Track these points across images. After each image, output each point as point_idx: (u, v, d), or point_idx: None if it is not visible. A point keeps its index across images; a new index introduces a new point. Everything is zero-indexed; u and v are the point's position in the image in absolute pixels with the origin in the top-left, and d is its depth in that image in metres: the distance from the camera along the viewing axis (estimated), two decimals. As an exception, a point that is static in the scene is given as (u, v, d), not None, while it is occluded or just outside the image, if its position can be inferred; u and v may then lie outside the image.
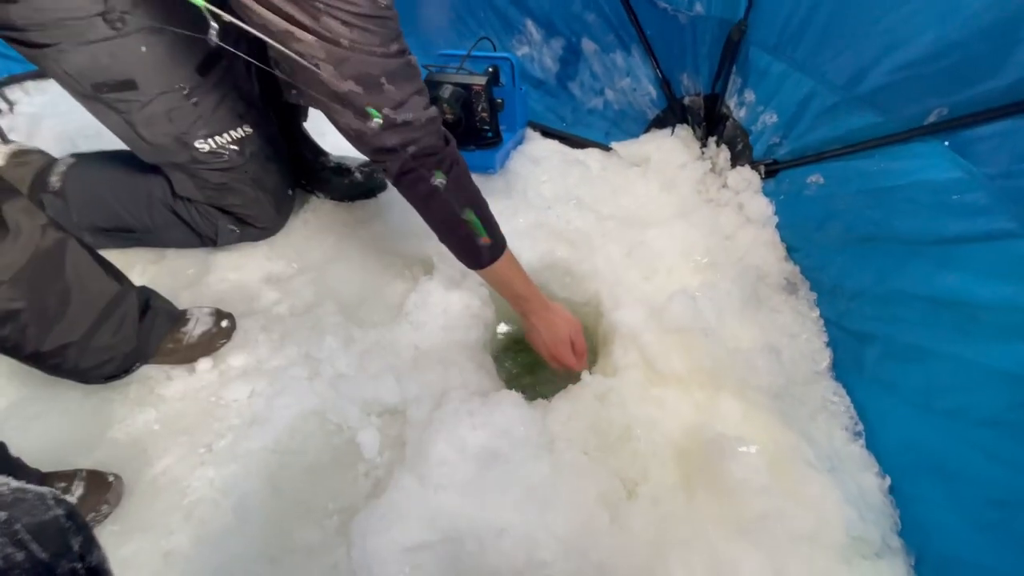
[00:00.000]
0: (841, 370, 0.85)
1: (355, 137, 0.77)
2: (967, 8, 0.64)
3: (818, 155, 0.91)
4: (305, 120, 1.25)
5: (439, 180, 0.80)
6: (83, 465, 0.84)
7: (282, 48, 0.66)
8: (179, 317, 0.98)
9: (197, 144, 0.93)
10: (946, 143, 0.71)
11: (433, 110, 0.79)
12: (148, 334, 0.92)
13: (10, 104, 1.73)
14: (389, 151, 0.77)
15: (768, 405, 0.78)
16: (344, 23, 0.65)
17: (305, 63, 0.67)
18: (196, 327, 0.97)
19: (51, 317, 0.79)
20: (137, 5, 0.81)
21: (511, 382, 1.06)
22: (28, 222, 0.76)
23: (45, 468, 0.81)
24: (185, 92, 0.89)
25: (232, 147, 0.97)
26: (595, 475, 0.79)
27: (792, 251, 0.99)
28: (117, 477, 0.82)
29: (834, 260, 0.87)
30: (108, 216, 1.11)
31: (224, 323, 0.99)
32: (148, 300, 0.94)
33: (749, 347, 0.86)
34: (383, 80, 0.71)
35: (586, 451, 0.83)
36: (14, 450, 0.76)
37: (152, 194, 1.07)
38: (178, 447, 0.87)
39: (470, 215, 0.85)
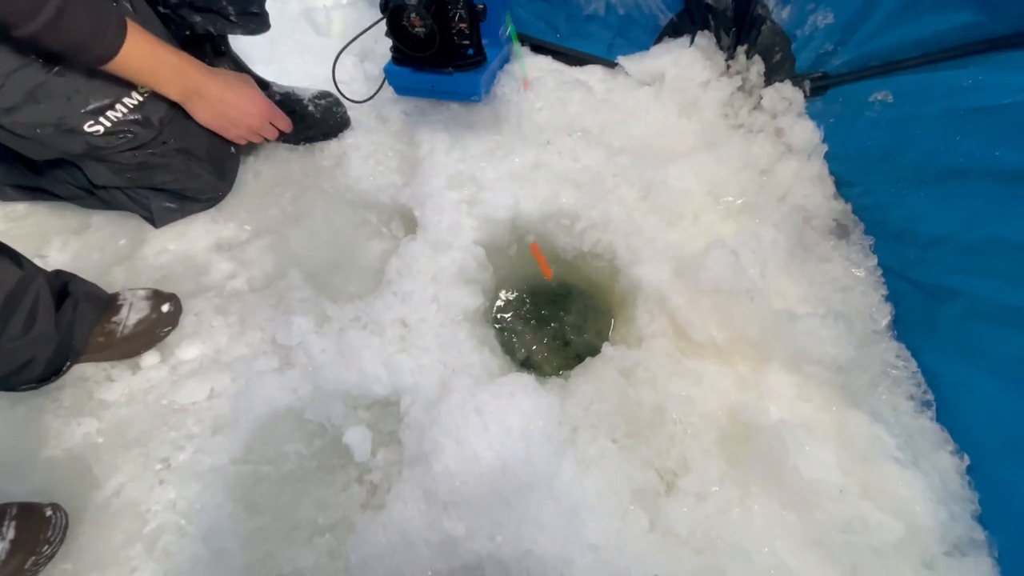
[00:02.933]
0: (905, 329, 0.74)
1: None
2: None
3: (887, 65, 0.73)
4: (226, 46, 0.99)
5: None
6: (15, 494, 0.70)
7: None
8: (108, 303, 0.81)
9: (87, 128, 0.70)
10: (1081, 47, 0.54)
11: None
12: (71, 326, 0.75)
13: None
14: None
15: (828, 380, 0.67)
16: None
17: None
18: (130, 314, 0.80)
19: None
20: None
21: (518, 355, 0.93)
22: None
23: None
24: (41, 62, 0.65)
25: (133, 118, 0.74)
26: (627, 467, 0.69)
27: (843, 186, 0.83)
28: (56, 508, 0.69)
29: (904, 198, 0.73)
30: (24, 177, 0.90)
31: (165, 307, 0.82)
32: (66, 285, 0.77)
33: (802, 308, 0.73)
34: None
35: (614, 439, 0.72)
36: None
37: (65, 178, 0.85)
38: (129, 463, 0.74)
39: None
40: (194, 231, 0.96)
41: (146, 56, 0.69)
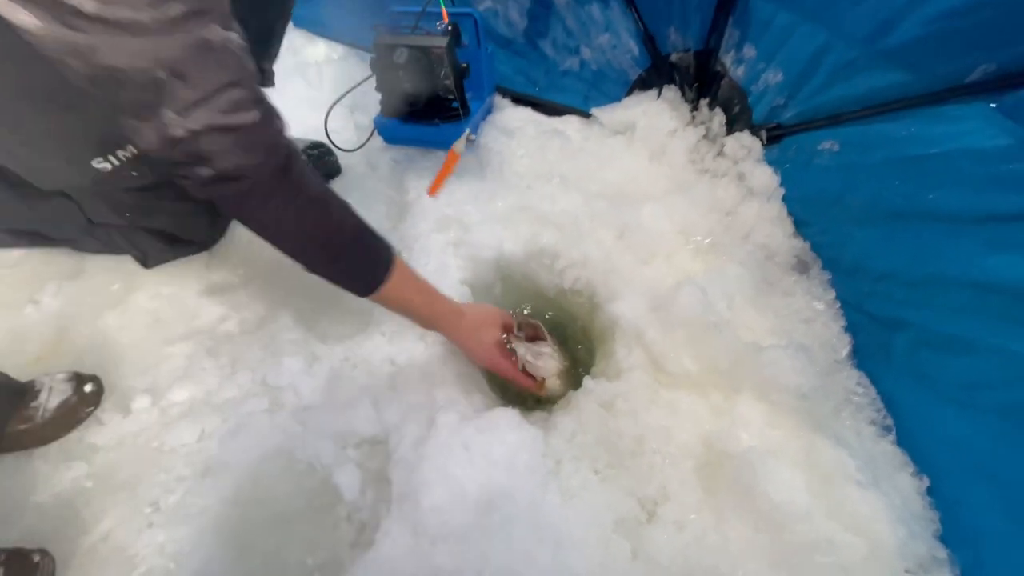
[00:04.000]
0: (864, 358, 0.78)
1: (133, 140, 0.52)
2: (1022, -59, 0.54)
3: (832, 117, 0.81)
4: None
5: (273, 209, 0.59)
6: (3, 540, 0.70)
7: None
8: (25, 390, 0.80)
9: (95, 164, 0.74)
10: (993, 105, 0.62)
11: (245, 116, 0.53)
12: None
13: None
14: (175, 165, 0.53)
15: (795, 406, 0.71)
16: None
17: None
18: (51, 398, 0.79)
19: None
20: None
21: (503, 391, 0.96)
22: None
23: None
24: (61, 103, 0.69)
25: (141, 160, 0.78)
26: (609, 497, 0.71)
27: (801, 226, 0.90)
28: (44, 553, 0.69)
29: (855, 237, 0.79)
30: (22, 220, 0.92)
31: (88, 387, 0.82)
32: None
33: (768, 340, 0.78)
34: (161, 75, 0.47)
35: (596, 470, 0.75)
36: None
37: (64, 215, 0.88)
38: (118, 507, 0.74)
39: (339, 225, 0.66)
40: (186, 276, 0.99)
41: (401, 303, 0.74)
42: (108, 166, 0.75)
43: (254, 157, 0.54)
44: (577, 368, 0.94)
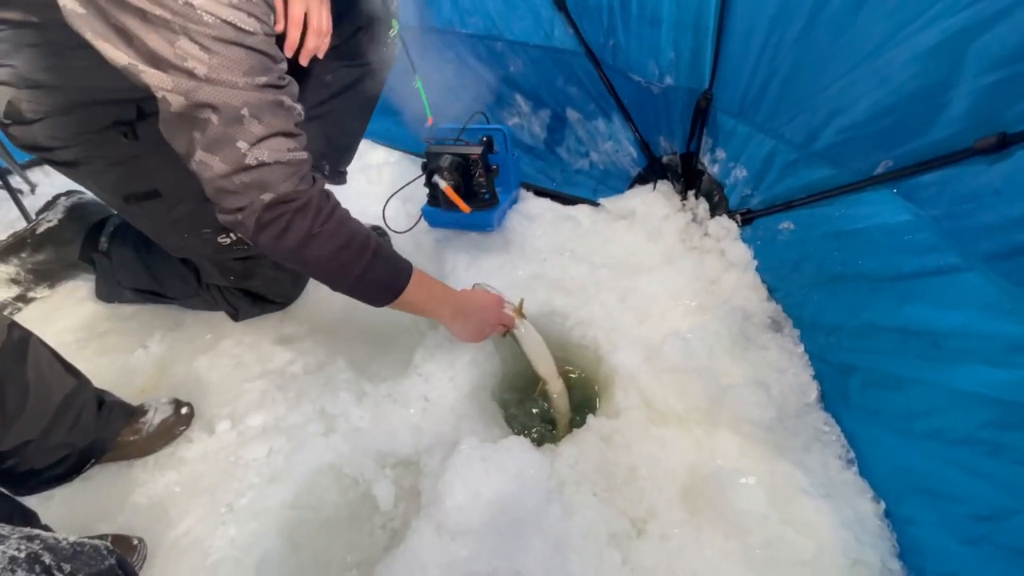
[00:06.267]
0: (829, 401, 0.91)
1: (200, 173, 0.70)
2: (897, 77, 0.74)
3: (786, 204, 1.00)
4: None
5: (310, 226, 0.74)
6: (107, 532, 0.87)
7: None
8: (136, 410, 0.99)
9: (220, 239, 1.01)
10: (894, 190, 0.79)
11: (300, 155, 0.71)
12: (106, 426, 0.92)
13: (32, 186, 1.84)
14: (234, 195, 0.70)
15: (763, 437, 0.83)
16: (203, 47, 0.60)
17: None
18: (155, 416, 0.98)
19: (11, 415, 0.77)
20: (143, 116, 0.87)
21: (518, 429, 1.10)
22: None
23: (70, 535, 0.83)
24: (204, 195, 0.96)
25: None
26: (605, 515, 0.83)
27: (773, 291, 1.06)
28: (141, 540, 0.85)
29: (810, 298, 0.95)
30: (144, 283, 1.19)
31: (184, 410, 1.01)
32: (102, 397, 0.94)
33: (740, 383, 0.92)
34: (244, 112, 0.65)
35: (595, 492, 0.87)
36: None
37: (179, 279, 1.15)
38: (199, 508, 0.90)
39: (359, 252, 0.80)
40: (264, 328, 1.21)
41: (421, 300, 0.90)
42: (228, 240, 1.01)
43: (305, 183, 0.73)
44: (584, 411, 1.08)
